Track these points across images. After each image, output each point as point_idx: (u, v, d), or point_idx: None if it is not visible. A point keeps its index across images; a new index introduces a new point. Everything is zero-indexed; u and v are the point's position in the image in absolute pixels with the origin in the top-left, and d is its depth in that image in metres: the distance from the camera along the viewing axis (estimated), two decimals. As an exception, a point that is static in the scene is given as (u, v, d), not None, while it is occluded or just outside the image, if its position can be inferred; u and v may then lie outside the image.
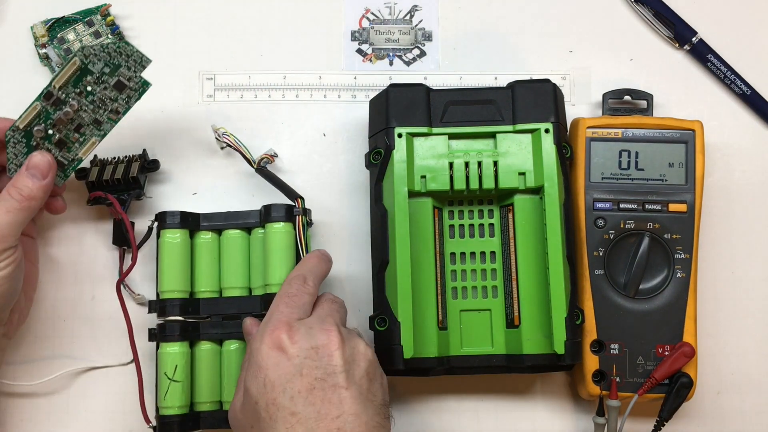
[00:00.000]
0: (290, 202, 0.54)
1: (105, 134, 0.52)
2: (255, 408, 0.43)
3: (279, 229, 0.53)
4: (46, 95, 0.50)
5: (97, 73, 0.50)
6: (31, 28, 0.60)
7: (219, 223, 0.55)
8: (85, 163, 0.56)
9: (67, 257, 0.58)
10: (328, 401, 0.42)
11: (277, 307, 0.47)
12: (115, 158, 0.57)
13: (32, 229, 0.55)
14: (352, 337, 0.46)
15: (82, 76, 0.50)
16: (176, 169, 0.59)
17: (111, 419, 0.57)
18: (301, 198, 0.54)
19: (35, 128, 0.50)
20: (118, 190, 0.55)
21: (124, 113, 0.52)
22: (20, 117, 0.50)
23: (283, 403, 0.42)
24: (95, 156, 0.57)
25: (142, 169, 0.56)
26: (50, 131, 0.51)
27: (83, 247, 0.58)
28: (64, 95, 0.50)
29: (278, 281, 0.52)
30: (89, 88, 0.50)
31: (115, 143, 0.58)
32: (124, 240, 0.55)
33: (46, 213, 0.55)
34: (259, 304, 0.53)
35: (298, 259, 0.53)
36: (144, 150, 0.57)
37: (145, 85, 0.51)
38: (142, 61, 0.51)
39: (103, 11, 0.60)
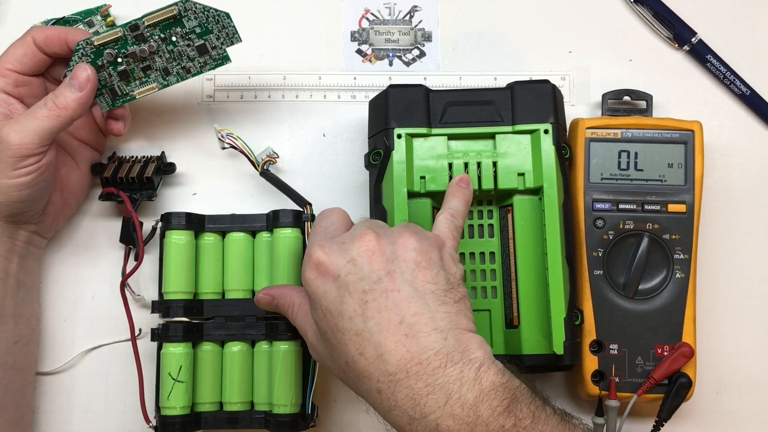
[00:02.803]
0: (296, 207, 0.55)
1: (167, 85, 0.53)
2: (326, 337, 0.42)
3: (287, 234, 0.53)
4: (132, 26, 0.51)
5: (188, 28, 0.51)
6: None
7: (224, 225, 0.55)
8: (103, 159, 0.58)
9: (68, 256, 0.58)
10: (384, 309, 0.40)
11: (309, 241, 0.46)
12: (133, 157, 0.57)
13: (96, 140, 0.57)
14: (390, 231, 0.44)
15: (174, 25, 0.51)
16: (176, 169, 0.59)
17: (111, 419, 0.57)
18: (310, 204, 0.54)
19: (107, 50, 0.51)
20: (131, 189, 0.56)
21: (194, 75, 0.53)
22: (99, 35, 0.51)
23: (344, 326, 0.41)
24: (114, 153, 0.58)
25: (158, 171, 0.57)
26: (119, 59, 0.51)
27: (86, 245, 0.58)
28: (148, 33, 0.51)
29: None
30: (174, 39, 0.51)
31: (116, 142, 0.59)
32: (130, 239, 0.55)
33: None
34: (262, 307, 0.54)
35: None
36: (162, 152, 0.58)
37: (225, 60, 0.52)
38: (233, 38, 0.52)
39: (103, 11, 0.60)
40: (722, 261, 0.59)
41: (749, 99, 0.60)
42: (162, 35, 0.51)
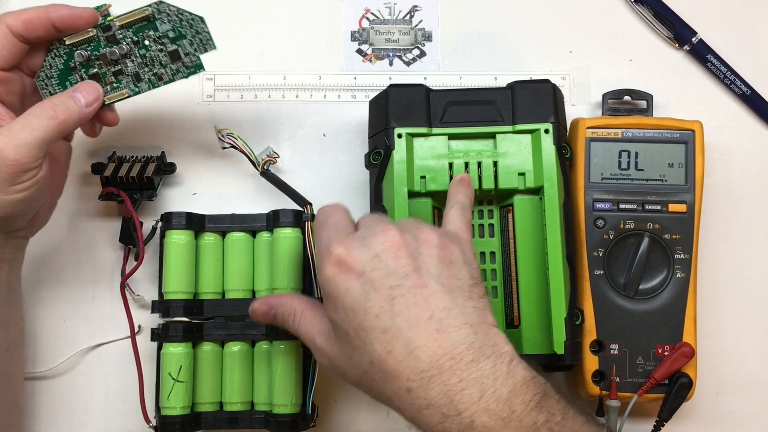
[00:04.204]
0: (296, 207, 0.54)
1: (139, 92, 0.50)
2: (347, 338, 0.40)
3: (287, 234, 0.53)
4: (105, 27, 0.49)
5: (161, 32, 0.49)
6: (31, 28, 0.60)
7: (224, 225, 0.55)
8: (103, 158, 0.57)
9: (68, 256, 0.58)
10: (413, 305, 0.39)
11: (319, 239, 0.43)
12: (133, 157, 0.57)
13: (70, 134, 0.52)
14: (412, 226, 0.42)
15: (146, 27, 0.49)
16: (176, 169, 0.59)
17: (111, 419, 0.57)
18: (310, 204, 0.54)
19: (79, 50, 0.49)
20: (131, 188, 0.56)
21: (166, 83, 0.50)
22: (72, 35, 0.48)
23: (370, 324, 0.39)
24: (114, 152, 0.57)
25: (158, 171, 0.56)
26: (91, 61, 0.49)
27: (85, 245, 0.58)
28: (121, 35, 0.49)
29: (285, 285, 0.53)
30: (146, 42, 0.49)
31: (115, 141, 0.59)
32: (130, 239, 0.55)
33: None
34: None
35: (305, 264, 0.53)
36: (162, 152, 0.58)
37: (198, 68, 0.50)
38: (207, 45, 0.49)
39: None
40: (722, 261, 0.59)
41: (749, 99, 0.60)
42: (134, 38, 0.49)
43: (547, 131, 0.52)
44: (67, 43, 0.48)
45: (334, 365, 0.43)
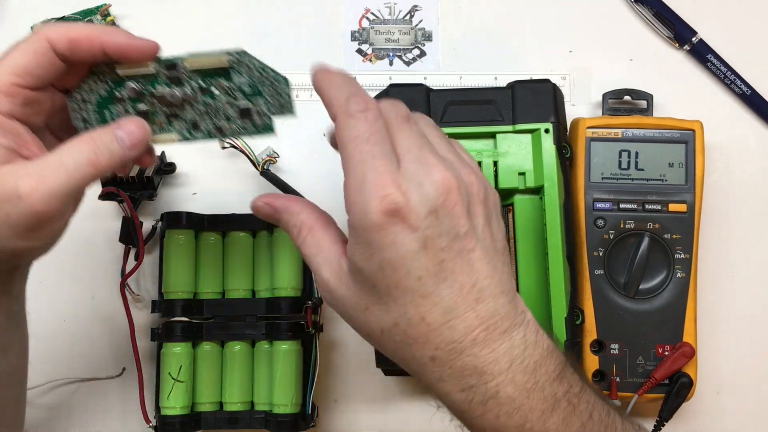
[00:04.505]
0: None
1: (191, 140, 0.42)
2: (372, 290, 0.35)
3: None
4: (169, 65, 0.40)
5: (236, 84, 0.41)
6: (32, 28, 0.60)
7: (224, 225, 0.55)
8: None
9: (68, 256, 0.58)
10: (459, 272, 0.35)
11: (359, 160, 0.35)
12: None
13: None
14: (456, 168, 0.36)
15: (219, 75, 0.41)
16: (176, 169, 0.59)
17: (111, 419, 0.57)
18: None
19: (131, 83, 0.41)
20: (131, 188, 0.56)
21: (226, 137, 0.43)
22: (126, 65, 0.40)
23: (409, 286, 0.34)
24: None
25: (158, 171, 0.56)
26: (141, 98, 0.41)
27: (85, 245, 0.58)
28: (186, 78, 0.41)
29: (286, 285, 0.53)
30: (215, 90, 0.41)
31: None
32: (130, 239, 0.55)
33: None
34: (264, 307, 0.53)
35: (306, 264, 0.53)
36: (162, 152, 0.58)
37: (268, 131, 0.42)
38: (285, 108, 0.42)
39: (103, 11, 0.60)
40: (723, 261, 0.59)
41: (750, 99, 0.60)
42: (202, 84, 0.41)
43: (547, 131, 0.52)
44: (120, 74, 0.41)
45: (339, 306, 0.38)
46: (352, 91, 0.37)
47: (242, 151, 0.56)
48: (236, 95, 0.41)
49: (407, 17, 0.62)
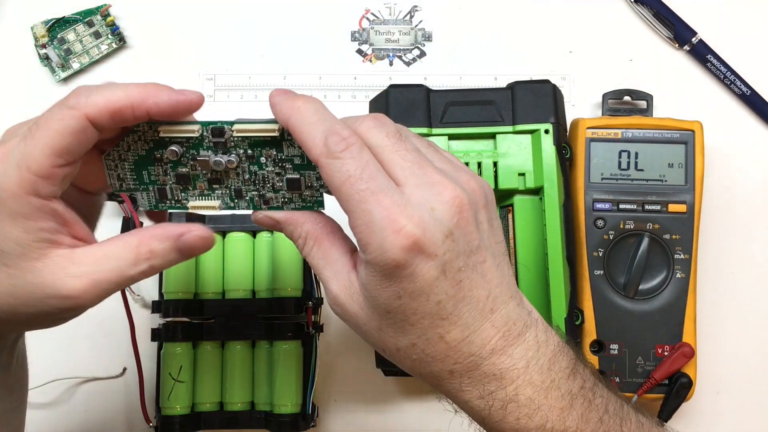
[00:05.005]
0: None
1: (233, 209, 0.40)
2: (387, 315, 0.35)
3: None
4: (216, 131, 0.37)
5: (285, 156, 0.38)
6: (32, 28, 0.60)
7: (224, 225, 0.55)
8: None
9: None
10: (476, 287, 0.34)
11: (359, 200, 0.33)
12: None
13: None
14: (456, 178, 0.35)
15: (269, 145, 0.38)
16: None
17: (111, 419, 0.57)
18: None
19: (173, 146, 0.38)
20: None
21: (271, 209, 0.39)
22: (170, 123, 0.37)
23: (428, 311, 0.34)
24: None
25: None
26: (183, 161, 0.38)
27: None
28: (233, 144, 0.38)
29: (286, 286, 0.53)
30: (263, 161, 0.38)
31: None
32: None
33: None
34: (264, 307, 0.53)
35: (306, 264, 0.53)
36: None
37: (317, 205, 0.39)
38: None
39: (103, 11, 0.60)
40: (722, 261, 0.59)
41: (749, 99, 0.60)
42: (250, 152, 0.38)
43: (547, 131, 0.52)
44: (162, 135, 0.37)
45: (351, 322, 0.37)
46: (326, 127, 0.34)
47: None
48: (285, 166, 0.38)
49: (407, 17, 0.62)
